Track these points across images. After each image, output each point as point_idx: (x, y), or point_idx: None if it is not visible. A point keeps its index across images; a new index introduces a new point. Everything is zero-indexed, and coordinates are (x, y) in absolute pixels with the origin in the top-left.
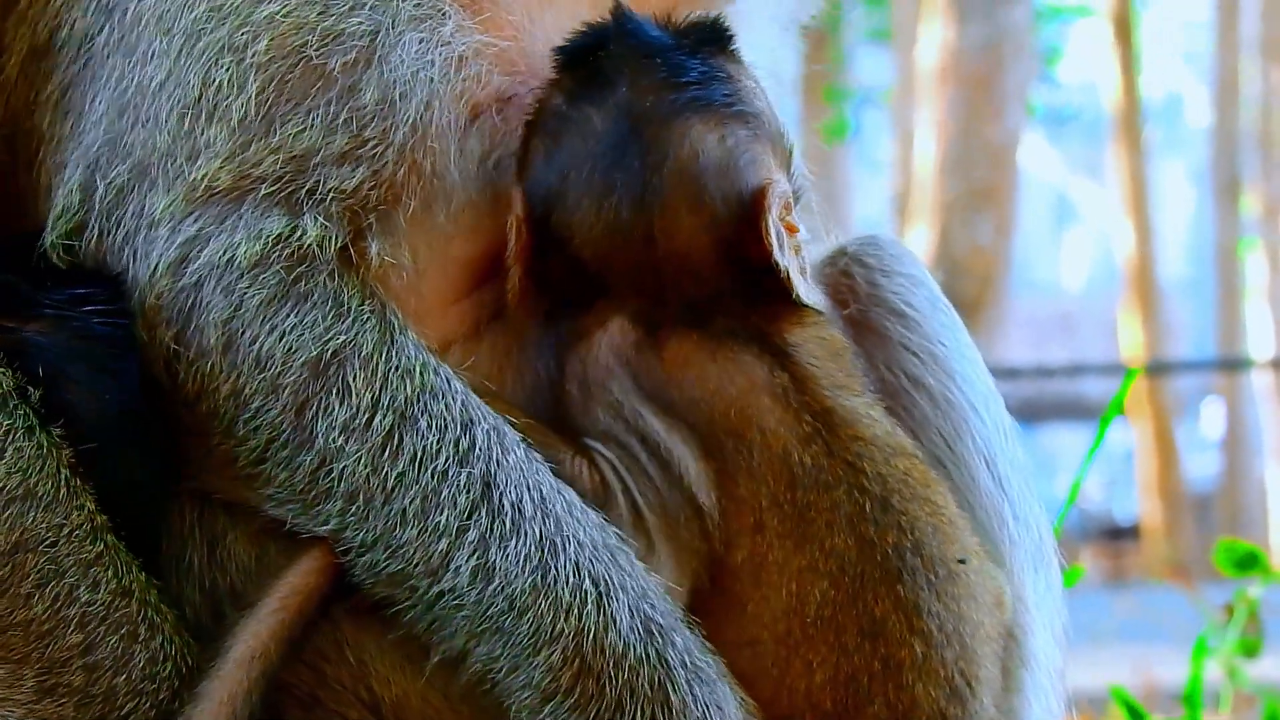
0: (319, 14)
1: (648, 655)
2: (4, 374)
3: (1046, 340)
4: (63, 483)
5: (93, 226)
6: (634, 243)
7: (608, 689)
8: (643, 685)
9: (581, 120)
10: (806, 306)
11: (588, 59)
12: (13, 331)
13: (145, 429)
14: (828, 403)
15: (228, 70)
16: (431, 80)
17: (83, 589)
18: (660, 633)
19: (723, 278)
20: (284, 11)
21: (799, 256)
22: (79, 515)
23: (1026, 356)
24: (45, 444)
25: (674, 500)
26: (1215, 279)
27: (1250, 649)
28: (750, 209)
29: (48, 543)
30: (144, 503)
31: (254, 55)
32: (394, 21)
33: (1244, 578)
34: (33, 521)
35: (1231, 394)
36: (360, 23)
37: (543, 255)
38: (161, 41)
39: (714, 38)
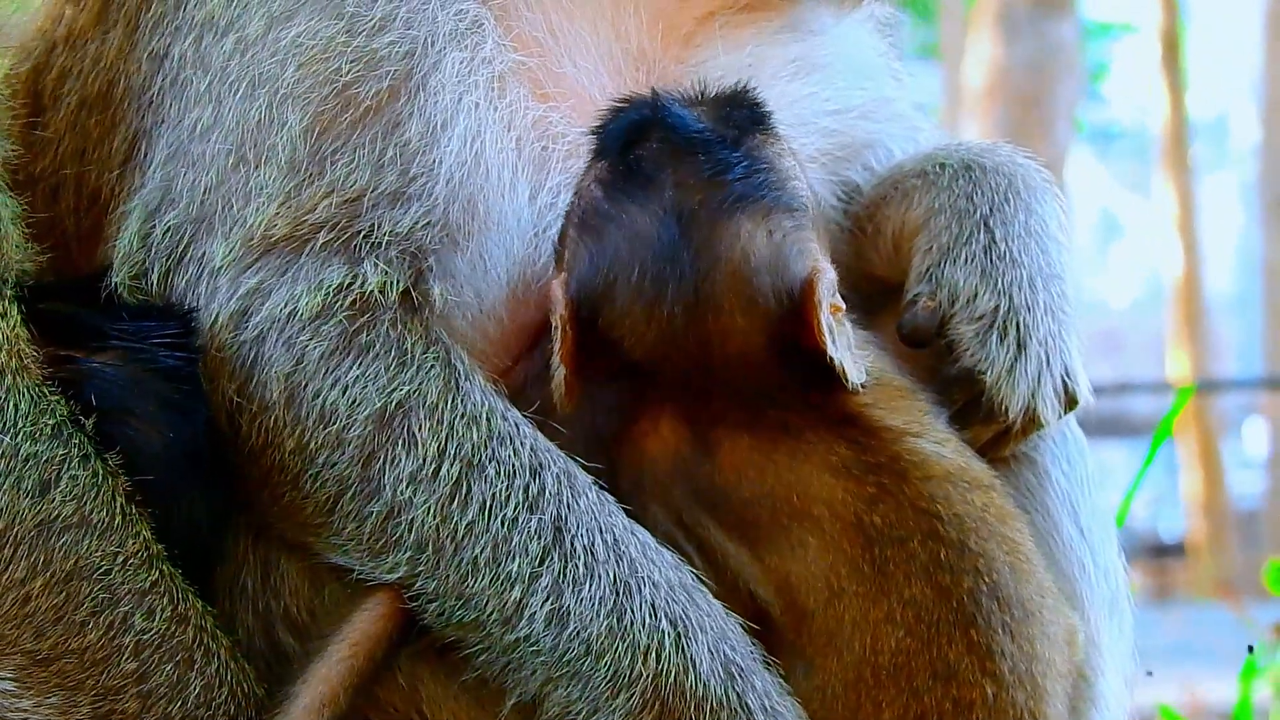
0: (346, 33)
1: (728, 698)
2: (59, 402)
3: (1092, 357)
4: (118, 510)
5: (154, 271)
6: (687, 346)
7: None
8: None
9: (626, 220)
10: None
11: (627, 150)
12: (77, 362)
13: (208, 468)
14: (895, 452)
15: (265, 103)
16: (476, 105)
17: (138, 616)
18: (740, 675)
19: (776, 370)
20: (309, 33)
21: (846, 336)
22: (134, 543)
23: None
24: (101, 472)
25: (726, 596)
26: (1262, 297)
27: None
28: (801, 302)
29: (102, 570)
30: (201, 541)
31: (286, 84)
32: (431, 39)
33: None
34: (87, 549)
35: (1277, 412)
36: (393, 42)
37: (589, 354)
38: (201, 81)
39: (752, 120)
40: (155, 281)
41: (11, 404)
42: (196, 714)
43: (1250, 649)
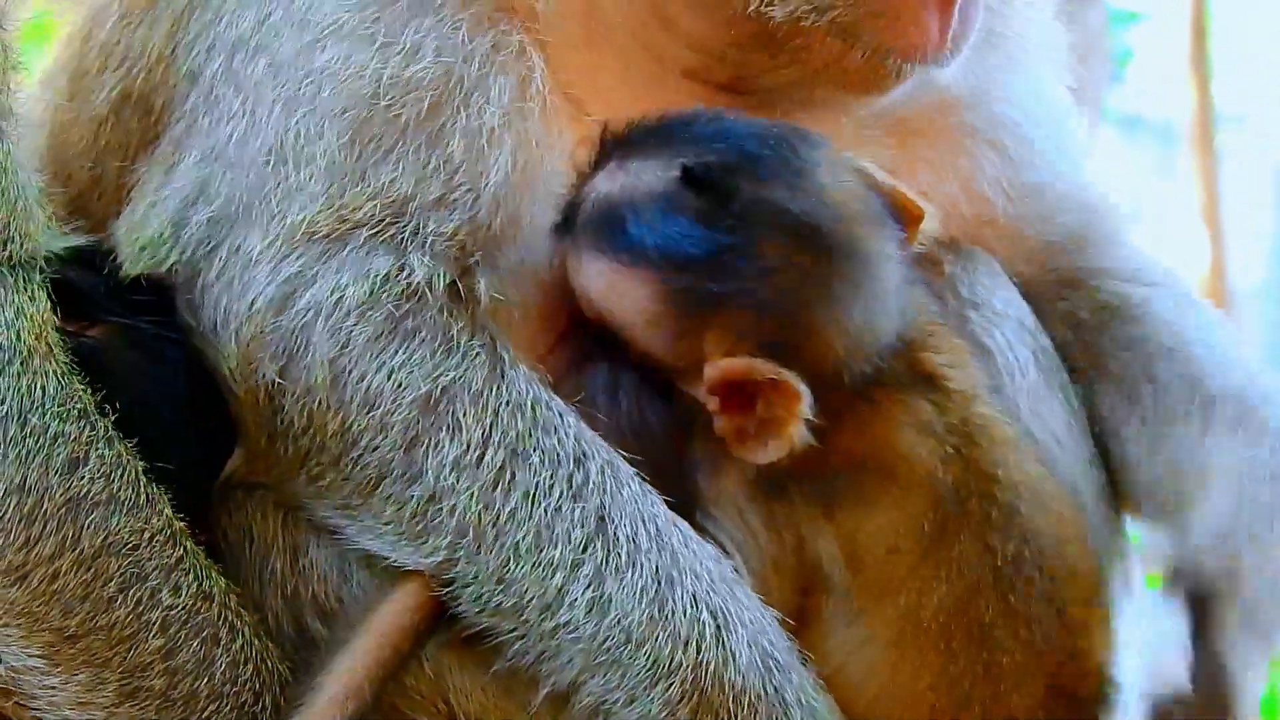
0: (378, 61)
1: (765, 691)
2: (84, 390)
3: None
4: (142, 489)
5: (181, 262)
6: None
7: None
8: None
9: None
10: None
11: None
12: (71, 336)
13: (190, 443)
14: (966, 415)
15: (302, 119)
16: (525, 125)
17: (165, 593)
18: (778, 669)
19: None
20: (340, 58)
21: None
22: (159, 520)
23: None
24: (124, 453)
25: (786, 558)
26: None
27: None
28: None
29: (130, 546)
30: (186, 499)
31: (323, 104)
32: (468, 63)
33: None
34: (116, 526)
35: None
36: (426, 67)
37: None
38: (235, 99)
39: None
40: (179, 271)
41: (40, 385)
42: (222, 690)
43: None
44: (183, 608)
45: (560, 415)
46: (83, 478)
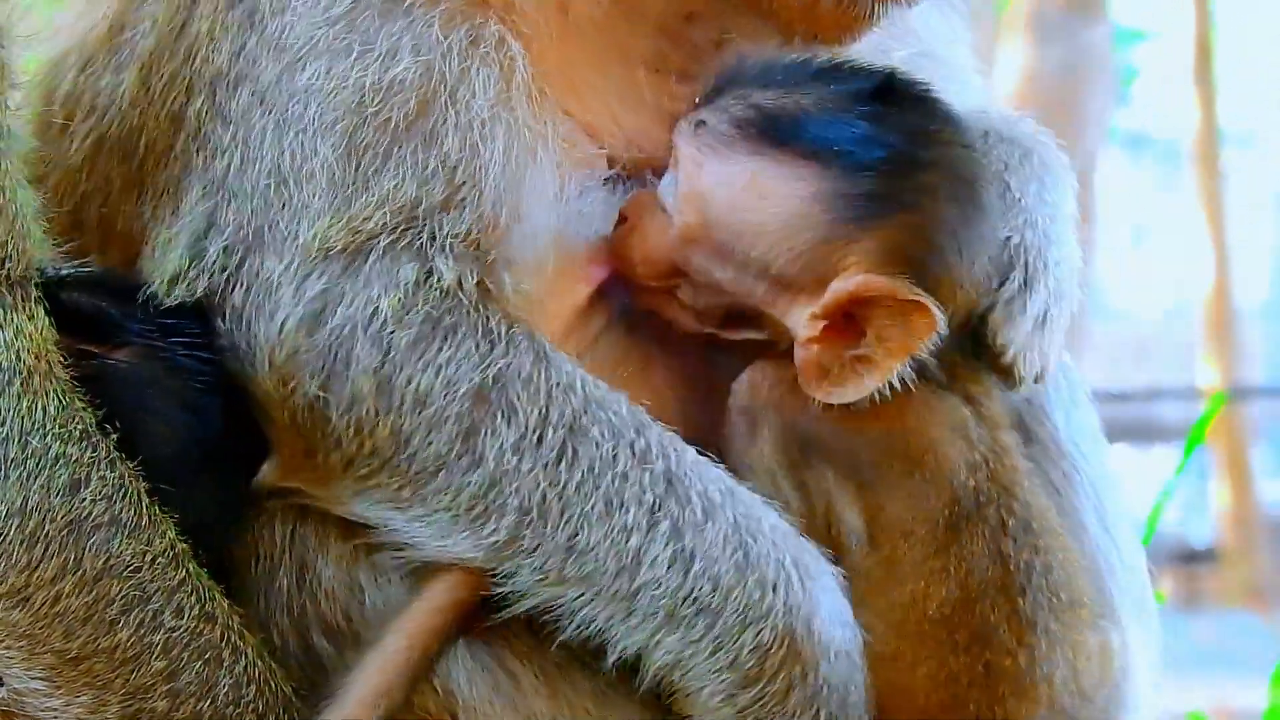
0: (358, 70)
1: (846, 648)
2: (86, 410)
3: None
4: (144, 511)
5: (206, 288)
6: None
7: (810, 677)
8: (840, 680)
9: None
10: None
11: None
12: (96, 358)
13: (223, 468)
14: (995, 436)
15: (294, 140)
16: (514, 115)
17: (167, 614)
18: (848, 625)
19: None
20: (320, 73)
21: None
22: (161, 542)
23: (1102, 379)
24: (126, 475)
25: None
26: None
27: None
28: None
29: (132, 569)
30: (213, 542)
31: (312, 121)
32: (448, 58)
33: None
34: (118, 548)
35: None
36: (406, 68)
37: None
38: (225, 133)
39: None
40: (208, 298)
41: (40, 406)
42: (226, 712)
43: None
44: (185, 629)
45: (609, 391)
46: (84, 499)
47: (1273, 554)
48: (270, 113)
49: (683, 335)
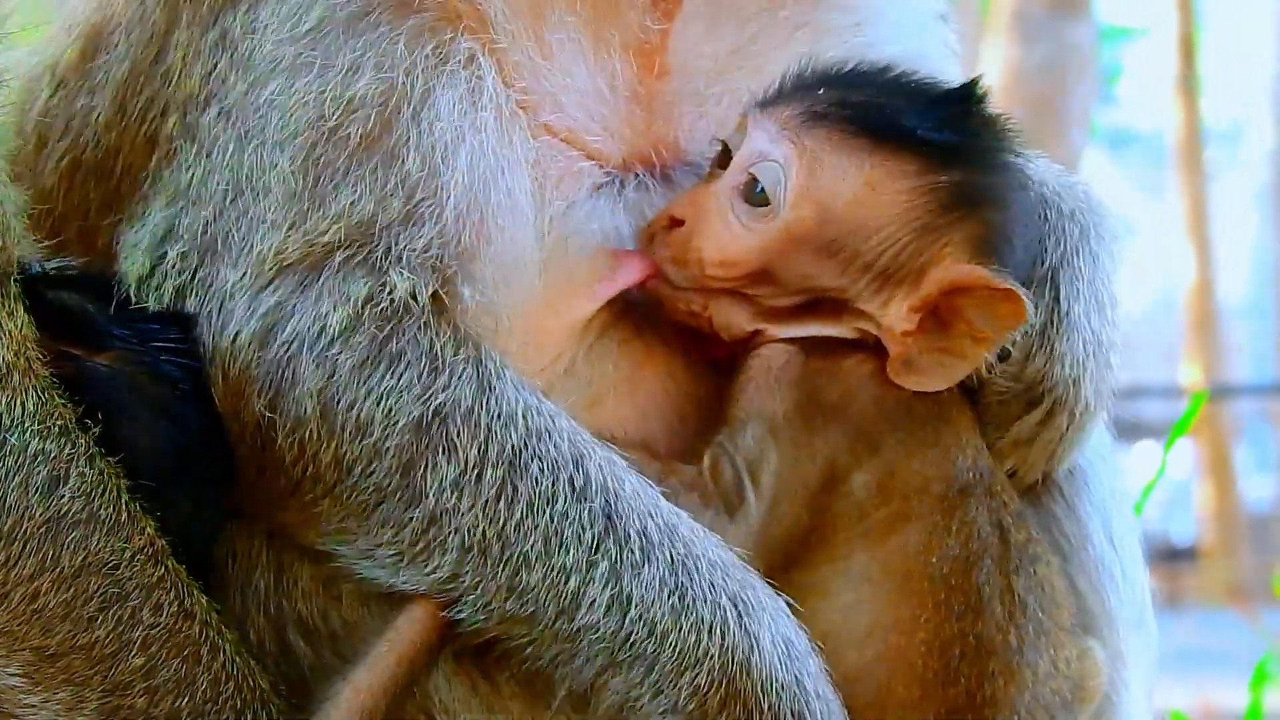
0: (319, 85)
1: (788, 678)
2: (65, 406)
3: None
4: (124, 507)
5: (166, 293)
6: None
7: (755, 715)
8: (785, 712)
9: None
10: None
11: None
12: (79, 360)
13: (201, 475)
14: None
15: (253, 152)
16: (481, 134)
17: (145, 612)
18: (799, 657)
19: None
20: (284, 88)
21: None
22: (140, 539)
23: None
24: (106, 471)
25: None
26: (1276, 302)
27: None
28: None
29: (110, 566)
30: (192, 547)
31: (271, 134)
32: (411, 76)
33: None
34: (96, 545)
35: None
36: (368, 84)
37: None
38: (190, 148)
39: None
40: (169, 302)
41: (19, 403)
42: (204, 709)
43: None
44: (163, 626)
45: (552, 418)
46: (63, 496)
47: (1255, 552)
48: (234, 126)
49: (671, 338)
